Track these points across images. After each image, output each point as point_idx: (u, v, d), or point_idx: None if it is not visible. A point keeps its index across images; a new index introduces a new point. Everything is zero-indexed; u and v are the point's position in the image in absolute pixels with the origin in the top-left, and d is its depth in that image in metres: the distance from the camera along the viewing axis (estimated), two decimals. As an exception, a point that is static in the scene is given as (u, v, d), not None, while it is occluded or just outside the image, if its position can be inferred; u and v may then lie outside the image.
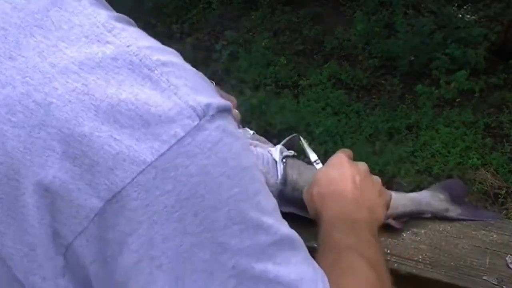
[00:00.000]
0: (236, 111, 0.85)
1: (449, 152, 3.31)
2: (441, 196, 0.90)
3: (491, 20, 4.46)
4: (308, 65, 4.19)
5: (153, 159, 0.38)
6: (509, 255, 0.84)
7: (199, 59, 4.25)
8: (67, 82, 0.39)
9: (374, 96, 3.90)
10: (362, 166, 0.78)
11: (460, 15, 4.56)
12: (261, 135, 0.92)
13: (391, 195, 0.79)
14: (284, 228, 0.48)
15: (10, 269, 0.42)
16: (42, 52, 0.39)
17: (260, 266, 0.43)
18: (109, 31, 0.41)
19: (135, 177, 0.38)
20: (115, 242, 0.39)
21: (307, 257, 0.50)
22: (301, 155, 0.88)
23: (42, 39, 0.40)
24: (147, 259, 0.39)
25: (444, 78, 3.84)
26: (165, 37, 4.64)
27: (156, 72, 0.41)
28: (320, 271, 0.50)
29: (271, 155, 0.83)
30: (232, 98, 0.86)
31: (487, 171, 3.17)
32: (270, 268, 0.44)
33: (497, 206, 2.97)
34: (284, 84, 4.01)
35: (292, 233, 0.49)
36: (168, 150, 0.39)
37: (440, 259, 0.84)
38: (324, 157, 0.82)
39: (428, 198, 0.89)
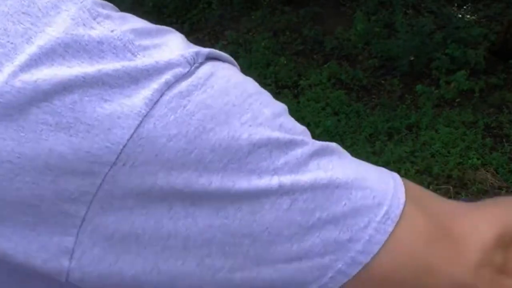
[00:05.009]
0: None
1: (449, 152, 3.31)
2: None
3: (491, 20, 4.46)
4: (308, 65, 4.20)
5: (148, 110, 0.38)
6: (507, 252, 0.83)
7: (199, 59, 4.25)
8: (52, 65, 0.39)
9: (374, 96, 3.90)
10: None
11: (460, 15, 4.56)
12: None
13: None
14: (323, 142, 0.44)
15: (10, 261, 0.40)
16: (30, 38, 0.39)
17: (308, 176, 0.41)
18: (94, 18, 0.41)
19: (134, 131, 0.37)
20: (139, 206, 0.38)
21: (365, 162, 0.46)
22: None
23: (30, 25, 0.40)
24: (178, 202, 0.38)
25: (444, 78, 3.84)
26: (165, 37, 4.65)
27: (138, 56, 0.40)
28: (388, 171, 0.46)
29: None
30: None
31: (487, 171, 3.16)
32: (322, 175, 0.41)
33: (497, 206, 2.96)
34: (284, 84, 4.02)
35: (335, 144, 0.46)
36: (161, 97, 0.38)
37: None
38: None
39: None
